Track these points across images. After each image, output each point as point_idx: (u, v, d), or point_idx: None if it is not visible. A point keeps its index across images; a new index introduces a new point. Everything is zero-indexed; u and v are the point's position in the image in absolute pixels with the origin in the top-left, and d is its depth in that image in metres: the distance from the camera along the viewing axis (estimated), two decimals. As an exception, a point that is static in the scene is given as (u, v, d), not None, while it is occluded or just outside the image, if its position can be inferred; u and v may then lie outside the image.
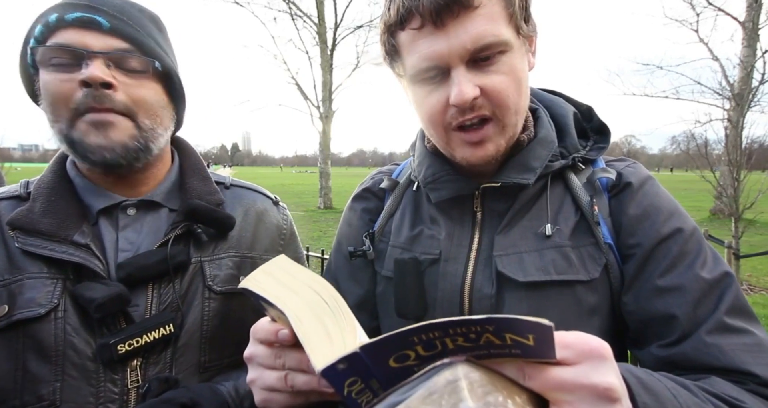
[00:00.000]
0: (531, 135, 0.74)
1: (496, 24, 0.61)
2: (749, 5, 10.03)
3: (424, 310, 0.74)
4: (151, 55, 0.75)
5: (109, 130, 0.72)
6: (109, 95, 0.71)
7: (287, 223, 1.00)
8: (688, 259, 0.64)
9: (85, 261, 0.72)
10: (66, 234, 0.73)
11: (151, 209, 0.83)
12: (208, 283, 0.82)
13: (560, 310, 0.66)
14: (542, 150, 0.72)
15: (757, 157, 6.25)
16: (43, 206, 0.74)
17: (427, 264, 0.75)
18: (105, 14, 0.71)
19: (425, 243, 0.77)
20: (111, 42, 0.72)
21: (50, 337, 0.69)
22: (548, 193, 0.73)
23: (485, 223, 0.75)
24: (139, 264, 0.75)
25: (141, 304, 0.75)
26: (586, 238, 0.69)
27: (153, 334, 0.73)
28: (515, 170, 0.71)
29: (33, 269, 0.71)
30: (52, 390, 0.68)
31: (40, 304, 0.69)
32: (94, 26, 0.70)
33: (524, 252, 0.69)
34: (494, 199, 0.75)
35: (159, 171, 0.86)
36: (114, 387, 0.72)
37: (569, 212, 0.71)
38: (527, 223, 0.72)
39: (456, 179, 0.75)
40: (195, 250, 0.82)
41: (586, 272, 0.67)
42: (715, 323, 0.60)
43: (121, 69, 0.73)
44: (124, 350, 0.70)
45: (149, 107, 0.76)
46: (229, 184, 0.95)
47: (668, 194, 0.73)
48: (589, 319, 0.67)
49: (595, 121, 0.80)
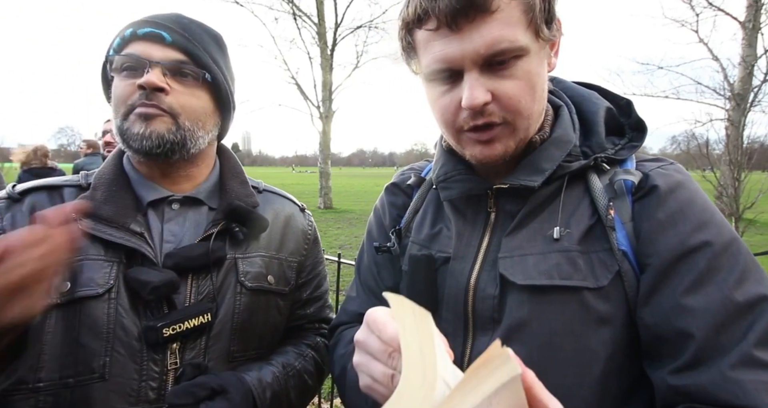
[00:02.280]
0: (545, 135, 0.72)
1: (512, 29, 0.60)
2: (749, 5, 10.02)
3: (434, 307, 0.74)
4: (203, 67, 0.84)
5: (151, 121, 0.80)
6: (159, 96, 0.80)
7: (312, 228, 1.08)
8: (717, 277, 0.58)
9: (140, 247, 0.79)
10: (124, 221, 0.80)
11: (193, 206, 0.90)
12: (241, 279, 0.88)
13: (564, 317, 0.63)
14: (556, 151, 0.70)
15: (758, 157, 6.24)
16: (104, 195, 0.82)
17: (441, 262, 0.76)
18: (169, 30, 0.82)
19: (443, 241, 0.78)
20: (170, 53, 0.82)
21: (103, 316, 0.75)
22: (563, 194, 0.70)
23: (497, 224, 0.73)
24: (185, 255, 0.82)
25: (181, 293, 0.82)
26: (599, 243, 0.65)
27: (193, 321, 0.79)
28: (525, 172, 0.70)
29: (92, 251, 0.78)
30: (102, 364, 0.74)
31: (99, 284, 0.76)
32: (158, 40, 0.81)
33: (529, 255, 0.67)
34: (507, 200, 0.73)
35: (201, 171, 0.94)
36: (155, 366, 0.78)
37: (584, 215, 0.68)
38: (537, 226, 0.69)
39: (467, 179, 0.75)
40: (230, 247, 0.89)
41: (594, 279, 0.63)
42: (741, 355, 0.54)
43: (175, 77, 0.82)
44: (168, 334, 0.77)
45: (193, 112, 0.84)
46: (261, 189, 1.03)
47: (706, 202, 0.65)
48: (598, 329, 0.63)
49: (633, 117, 0.75)
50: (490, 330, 0.68)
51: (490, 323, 0.68)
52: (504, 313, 0.67)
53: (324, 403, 2.75)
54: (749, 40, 10.07)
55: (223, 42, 0.93)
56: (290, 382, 0.90)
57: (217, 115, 0.91)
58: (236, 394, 0.76)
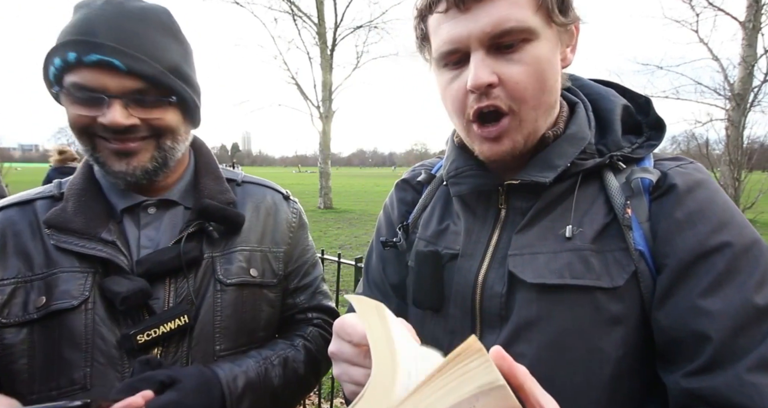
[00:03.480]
0: (558, 131, 0.70)
1: (521, 9, 0.60)
2: (749, 5, 10.02)
3: (440, 303, 0.74)
4: (166, 91, 0.78)
5: (131, 158, 0.78)
6: (131, 132, 0.76)
7: (296, 215, 1.05)
8: (737, 279, 0.56)
9: (111, 257, 0.78)
10: (95, 231, 0.79)
11: (169, 207, 0.89)
12: (219, 277, 0.87)
13: (574, 316, 0.62)
14: (569, 147, 0.68)
15: (758, 157, 6.24)
16: (75, 206, 0.81)
17: (447, 258, 0.75)
18: (121, 55, 0.72)
19: (450, 238, 0.77)
20: (128, 83, 0.74)
21: (81, 327, 0.75)
22: (576, 192, 0.68)
23: (508, 221, 0.72)
24: (155, 260, 0.80)
25: (160, 297, 0.81)
26: (614, 242, 0.63)
27: (169, 325, 0.78)
28: (537, 168, 0.68)
29: (66, 264, 0.78)
30: (83, 374, 0.75)
31: (73, 296, 0.76)
32: (110, 68, 0.72)
33: (540, 253, 0.66)
34: (519, 197, 0.72)
35: (175, 172, 0.91)
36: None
37: (599, 214, 0.66)
38: (549, 224, 0.68)
39: (478, 175, 0.74)
40: (207, 246, 0.88)
41: (609, 279, 0.61)
42: (759, 358, 0.52)
43: (140, 106, 0.76)
44: (143, 340, 0.76)
45: (171, 131, 0.81)
46: (240, 181, 1.00)
47: (726, 203, 0.63)
48: (611, 330, 0.61)
49: (652, 116, 0.73)
50: (497, 328, 0.67)
51: (497, 321, 0.68)
52: (512, 311, 0.66)
53: (324, 403, 2.75)
54: (749, 40, 10.07)
55: (171, 23, 0.82)
56: (273, 371, 0.88)
57: (189, 123, 0.88)
58: (188, 383, 0.73)
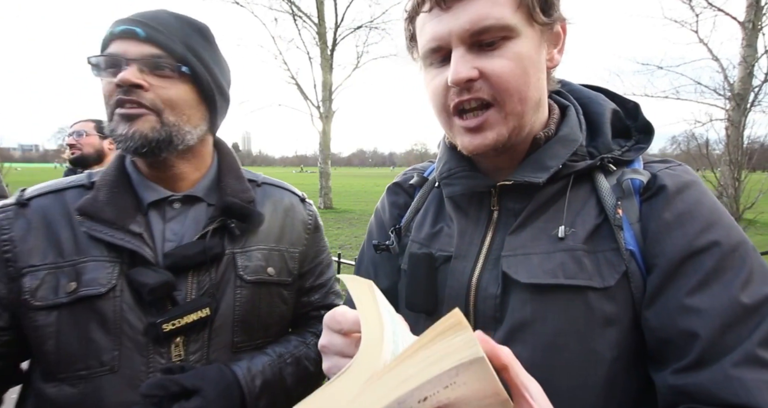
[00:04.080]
0: (550, 133, 0.71)
1: (500, 8, 0.61)
2: (749, 5, 10.03)
3: (434, 306, 0.74)
4: (179, 60, 0.84)
5: (134, 121, 0.82)
6: (137, 92, 0.81)
7: (312, 217, 1.09)
8: (724, 278, 0.57)
9: (138, 249, 0.82)
10: (124, 223, 0.83)
11: (193, 203, 0.93)
12: (239, 273, 0.91)
13: (568, 317, 0.62)
14: (561, 149, 0.69)
15: (758, 157, 6.25)
16: (106, 196, 0.85)
17: (441, 261, 0.75)
18: (143, 25, 0.81)
19: (443, 240, 0.77)
20: (145, 49, 0.81)
21: (110, 313, 0.80)
22: (568, 193, 0.69)
23: (500, 222, 0.72)
24: (181, 254, 0.84)
25: (183, 290, 0.85)
26: (606, 243, 0.64)
27: (192, 316, 0.83)
28: (530, 169, 0.68)
29: (95, 252, 0.82)
30: (112, 357, 0.80)
31: (101, 284, 0.80)
32: (133, 36, 0.81)
33: (533, 253, 0.66)
34: (511, 198, 0.72)
35: (197, 168, 0.95)
36: (161, 359, 0.82)
37: (590, 215, 0.67)
38: (542, 225, 0.68)
39: (470, 176, 0.74)
40: (228, 242, 0.91)
41: (600, 279, 0.62)
42: (744, 354, 0.53)
43: (153, 72, 0.82)
44: (168, 329, 0.81)
45: (175, 105, 0.84)
46: (260, 183, 1.05)
47: (714, 203, 0.64)
48: (603, 330, 0.61)
49: (641, 120, 0.75)
50: (492, 330, 0.67)
51: (492, 323, 0.67)
52: (506, 313, 0.66)
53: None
54: (749, 40, 10.07)
55: (209, 33, 0.92)
56: (287, 370, 0.91)
57: (204, 107, 0.90)
58: (211, 391, 0.78)
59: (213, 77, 0.90)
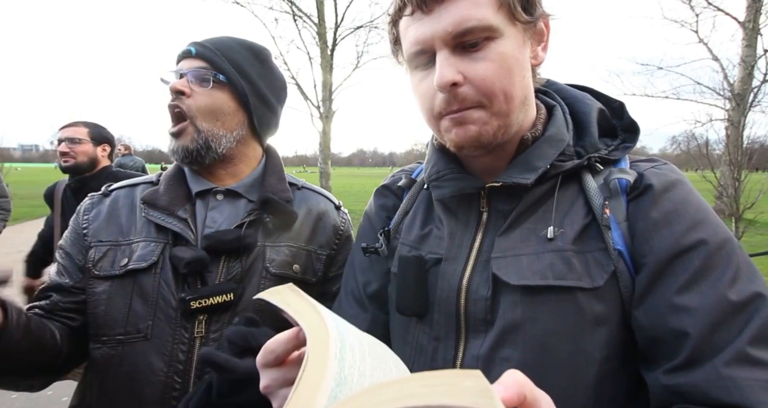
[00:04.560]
0: (537, 133, 0.71)
1: (481, 9, 0.61)
2: (749, 5, 10.02)
3: (425, 309, 0.73)
4: (217, 70, 0.98)
5: (179, 138, 0.98)
6: (180, 99, 0.96)
7: (345, 225, 1.16)
8: (711, 276, 0.57)
9: (182, 231, 0.94)
10: (174, 209, 0.97)
11: (234, 198, 1.04)
12: (266, 265, 0.99)
13: (558, 318, 0.62)
14: (549, 149, 0.69)
15: (758, 157, 6.24)
16: (164, 188, 1.01)
17: (431, 263, 0.75)
18: (198, 45, 0.99)
19: (433, 243, 0.77)
20: (194, 63, 0.98)
21: (150, 286, 0.91)
22: (556, 194, 0.69)
23: (490, 223, 0.72)
24: (218, 238, 0.94)
25: (214, 272, 0.94)
26: (594, 243, 0.64)
27: (217, 298, 0.91)
28: (518, 170, 0.68)
29: (148, 234, 0.96)
30: (146, 326, 0.90)
31: (146, 260, 0.92)
32: (188, 54, 0.99)
33: (523, 255, 0.66)
34: (500, 200, 0.72)
35: (242, 169, 1.07)
36: (185, 333, 0.91)
37: (579, 215, 0.67)
38: (531, 226, 0.68)
39: (459, 178, 0.74)
40: (262, 235, 1.00)
41: (589, 279, 0.62)
42: (735, 353, 0.53)
43: (197, 81, 0.97)
44: (194, 306, 0.89)
45: (209, 112, 0.98)
46: (300, 187, 1.15)
47: (700, 202, 0.65)
48: (593, 330, 0.61)
49: (626, 119, 0.75)
50: (482, 332, 0.67)
51: (482, 325, 0.67)
52: (497, 315, 0.66)
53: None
54: (749, 41, 10.08)
55: (263, 54, 1.07)
56: None
57: (242, 113, 1.02)
58: None
59: (253, 86, 1.02)
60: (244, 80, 1.00)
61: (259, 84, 1.03)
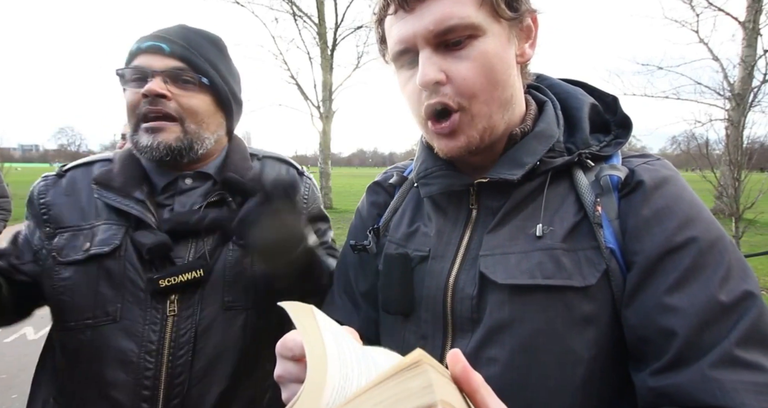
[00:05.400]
0: (526, 128, 0.70)
1: (463, 6, 0.60)
2: (749, 5, 10.03)
3: (410, 308, 0.73)
4: (200, 72, 0.94)
5: (158, 133, 0.92)
6: (162, 102, 0.91)
7: (309, 190, 1.16)
8: (702, 275, 0.56)
9: (140, 214, 0.92)
10: (129, 190, 0.94)
11: (204, 180, 1.02)
12: (233, 239, 0.99)
13: (547, 318, 0.61)
14: (537, 145, 0.68)
15: (758, 157, 6.24)
16: (118, 168, 0.97)
17: (417, 261, 0.74)
18: (168, 41, 0.92)
19: (419, 240, 0.76)
20: (169, 62, 0.91)
21: (115, 269, 0.90)
22: (545, 191, 0.68)
23: (479, 221, 0.71)
24: (176, 220, 0.94)
25: (183, 255, 0.95)
26: (586, 241, 0.63)
27: (186, 275, 0.91)
28: (506, 166, 0.67)
29: (107, 217, 0.94)
30: (115, 309, 0.89)
31: (108, 244, 0.91)
32: (159, 51, 0.91)
33: (511, 253, 0.65)
34: (489, 196, 0.71)
35: (209, 154, 1.04)
36: (157, 313, 0.91)
37: (569, 212, 0.65)
38: (520, 223, 0.67)
39: (447, 175, 0.73)
40: (227, 213, 0.99)
41: (580, 278, 0.61)
42: (722, 354, 0.52)
43: (176, 83, 0.92)
44: (164, 285, 0.89)
45: (196, 114, 0.94)
46: (261, 156, 1.14)
47: (693, 198, 0.63)
48: (583, 330, 0.60)
49: (620, 114, 0.74)
50: (469, 331, 0.66)
51: (469, 324, 0.66)
52: (484, 314, 0.65)
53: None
54: (749, 41, 10.08)
55: (222, 44, 1.02)
56: None
57: (220, 115, 1.01)
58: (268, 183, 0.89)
59: (229, 86, 1.00)
60: (223, 81, 0.98)
61: (231, 82, 1.02)
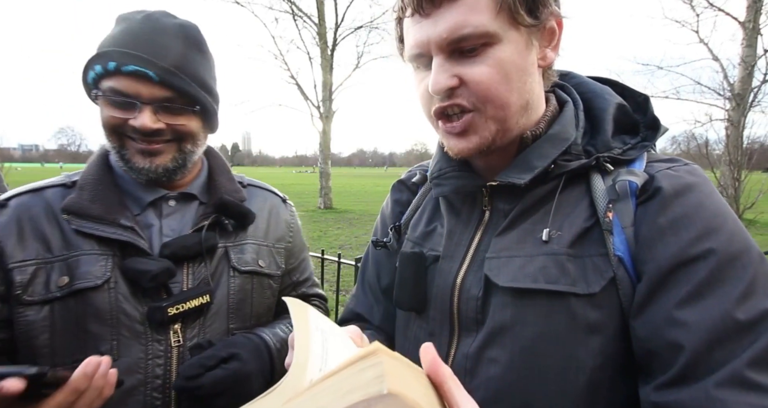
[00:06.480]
0: (539, 131, 0.69)
1: (478, 15, 0.59)
2: (749, 5, 10.03)
3: (423, 305, 0.74)
4: (192, 102, 0.88)
5: (155, 157, 0.87)
6: (157, 135, 0.86)
7: (293, 218, 1.16)
8: (719, 290, 0.53)
9: (132, 240, 0.85)
10: (114, 217, 0.86)
11: (188, 201, 0.98)
12: (233, 264, 0.97)
13: (548, 322, 0.60)
14: (550, 148, 0.66)
15: (758, 157, 6.24)
16: (91, 195, 0.88)
17: (431, 260, 0.75)
18: (153, 67, 0.82)
19: (436, 240, 0.77)
20: (158, 92, 0.84)
21: (105, 304, 0.82)
22: (558, 194, 0.66)
23: (491, 223, 0.71)
24: (180, 244, 0.89)
25: (179, 280, 0.90)
26: (594, 247, 0.61)
27: (194, 302, 0.88)
28: (516, 169, 0.67)
29: (86, 247, 0.84)
30: (110, 347, 0.82)
31: (96, 276, 0.83)
32: (145, 78, 0.82)
33: (516, 256, 0.65)
34: (502, 199, 0.71)
35: (192, 172, 1.00)
36: (159, 346, 0.86)
37: (581, 218, 0.63)
38: (529, 227, 0.66)
39: (461, 175, 0.73)
40: (221, 237, 0.97)
41: (585, 285, 0.59)
42: (730, 373, 0.49)
43: (167, 111, 0.86)
44: (172, 313, 0.85)
45: (191, 136, 0.91)
46: (246, 184, 1.11)
47: (719, 208, 0.59)
48: (587, 338, 0.59)
49: (649, 115, 0.71)
50: (474, 331, 0.67)
51: (474, 324, 0.67)
52: (487, 315, 0.65)
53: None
54: (749, 41, 10.07)
55: (199, 39, 0.91)
56: None
57: (206, 130, 0.97)
58: (246, 353, 0.86)
59: (215, 99, 0.96)
60: (210, 97, 0.93)
61: (213, 88, 0.96)
